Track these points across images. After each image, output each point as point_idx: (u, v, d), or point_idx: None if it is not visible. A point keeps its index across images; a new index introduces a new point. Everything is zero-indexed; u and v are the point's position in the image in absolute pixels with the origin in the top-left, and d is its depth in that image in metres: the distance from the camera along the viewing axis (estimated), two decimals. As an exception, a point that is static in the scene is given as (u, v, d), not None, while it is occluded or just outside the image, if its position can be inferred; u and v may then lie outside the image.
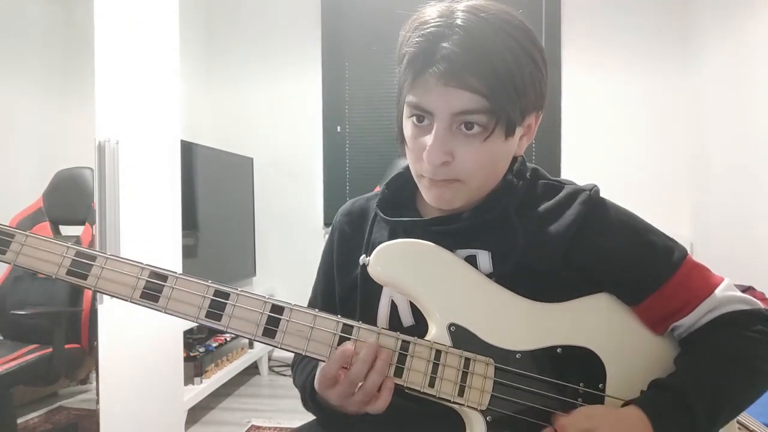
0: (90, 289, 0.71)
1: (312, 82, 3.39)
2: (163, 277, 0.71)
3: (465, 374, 0.69)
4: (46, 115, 3.04)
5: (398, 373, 0.68)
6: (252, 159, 3.36)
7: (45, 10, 3.06)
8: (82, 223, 2.27)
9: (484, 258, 0.76)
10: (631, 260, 0.74)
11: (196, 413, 2.56)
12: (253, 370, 3.23)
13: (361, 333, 0.69)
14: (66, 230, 2.36)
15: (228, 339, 2.82)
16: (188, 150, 2.62)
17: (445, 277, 0.74)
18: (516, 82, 0.67)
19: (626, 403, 0.69)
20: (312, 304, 0.92)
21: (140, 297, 0.70)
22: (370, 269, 0.73)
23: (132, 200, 1.80)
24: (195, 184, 2.72)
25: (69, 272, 0.71)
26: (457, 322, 0.71)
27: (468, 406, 0.68)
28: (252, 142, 3.41)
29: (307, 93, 3.40)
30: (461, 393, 0.68)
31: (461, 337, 0.70)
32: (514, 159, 0.79)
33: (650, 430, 0.65)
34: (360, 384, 0.67)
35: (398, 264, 0.73)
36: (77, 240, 2.24)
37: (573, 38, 3.19)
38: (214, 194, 2.95)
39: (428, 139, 0.70)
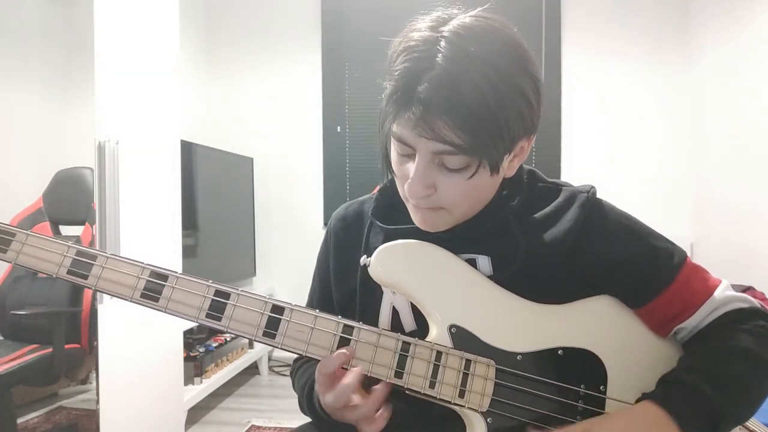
0: (90, 288, 0.71)
1: (312, 83, 3.39)
2: (164, 277, 0.70)
3: (466, 376, 0.68)
4: (46, 115, 3.04)
5: (398, 374, 0.68)
6: (252, 159, 3.36)
7: (45, 9, 3.06)
8: (82, 223, 2.27)
9: (483, 262, 0.75)
10: (632, 266, 0.74)
11: (196, 413, 2.55)
12: (253, 370, 3.22)
13: (361, 334, 0.69)
14: (66, 230, 2.36)
15: (228, 339, 2.82)
16: (188, 150, 2.62)
17: (447, 277, 0.73)
18: (499, 122, 0.64)
19: (636, 402, 0.68)
20: None
21: (140, 297, 0.70)
22: (370, 270, 0.73)
23: (132, 200, 1.80)
24: (195, 184, 2.72)
25: (69, 272, 0.71)
26: (458, 323, 0.71)
27: (469, 408, 0.68)
28: (252, 142, 3.41)
29: (307, 93, 3.40)
30: (462, 395, 0.68)
31: (462, 338, 0.70)
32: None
33: (669, 422, 0.63)
34: (353, 403, 0.67)
35: (399, 264, 0.73)
36: (77, 240, 2.24)
37: (573, 35, 3.19)
38: (214, 194, 2.95)
39: (411, 168, 0.69)
